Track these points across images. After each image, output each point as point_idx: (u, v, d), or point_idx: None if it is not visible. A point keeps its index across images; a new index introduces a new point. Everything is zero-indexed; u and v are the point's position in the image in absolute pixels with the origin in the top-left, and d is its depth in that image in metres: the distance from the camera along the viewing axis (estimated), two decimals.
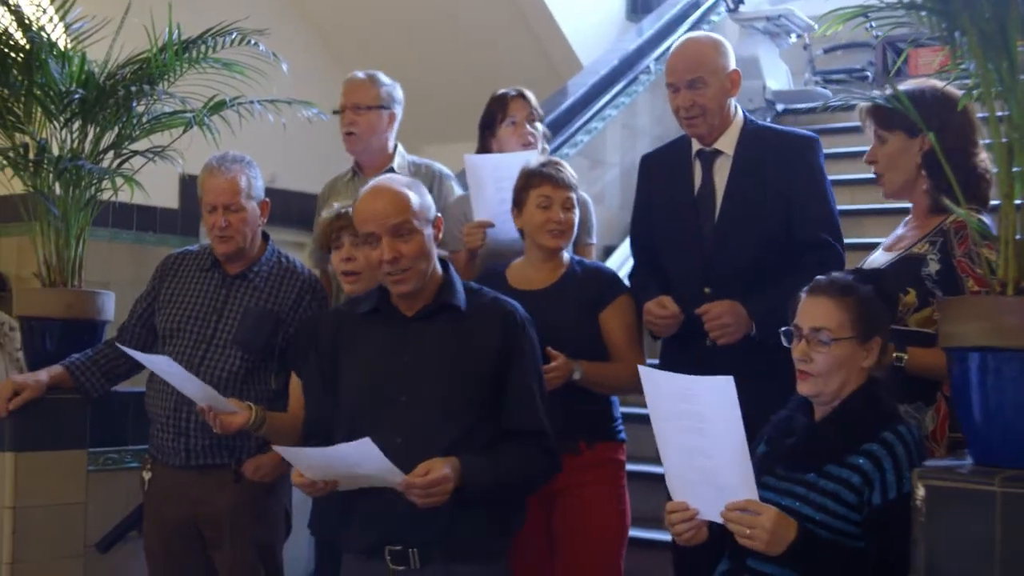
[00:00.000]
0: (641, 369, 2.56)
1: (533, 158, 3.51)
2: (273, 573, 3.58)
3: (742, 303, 3.18)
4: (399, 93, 4.13)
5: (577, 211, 3.34)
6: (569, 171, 3.35)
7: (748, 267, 3.24)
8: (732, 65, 3.36)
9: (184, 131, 3.98)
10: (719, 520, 2.45)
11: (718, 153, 3.36)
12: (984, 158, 2.89)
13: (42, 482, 3.64)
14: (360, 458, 2.62)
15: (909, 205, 3.06)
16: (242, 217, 3.52)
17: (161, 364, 3.23)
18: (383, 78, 4.12)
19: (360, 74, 4.12)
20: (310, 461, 2.72)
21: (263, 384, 3.52)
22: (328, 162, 4.38)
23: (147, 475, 3.60)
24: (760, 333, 3.15)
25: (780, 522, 2.38)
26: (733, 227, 3.29)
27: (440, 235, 2.90)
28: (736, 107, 3.41)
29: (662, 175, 3.48)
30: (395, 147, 4.13)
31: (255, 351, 3.49)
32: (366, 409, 2.81)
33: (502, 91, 3.96)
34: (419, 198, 2.84)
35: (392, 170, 4.04)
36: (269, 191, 3.73)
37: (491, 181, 3.65)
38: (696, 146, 3.40)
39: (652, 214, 3.48)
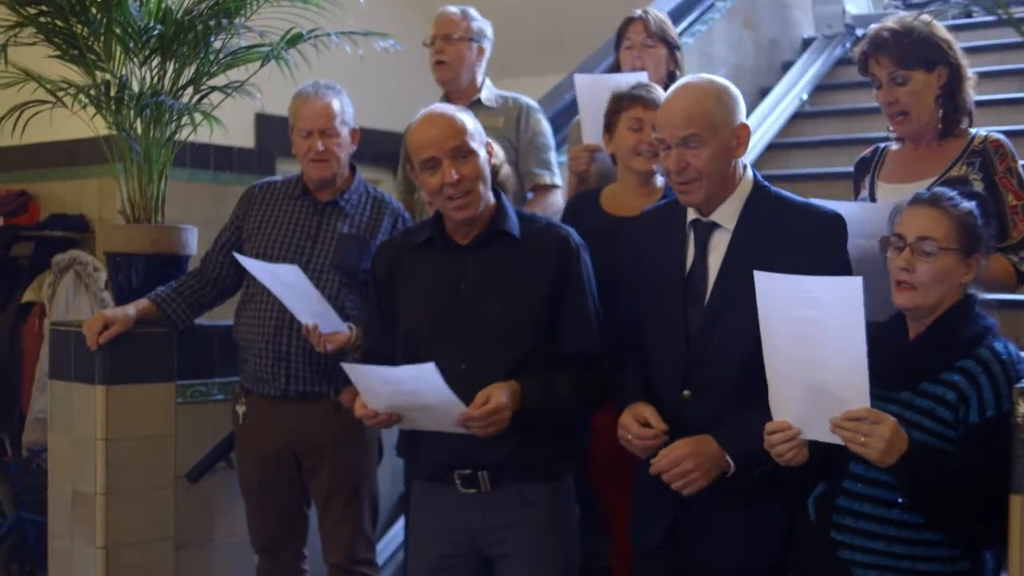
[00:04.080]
0: (757, 275, 2.40)
1: (643, 79, 3.47)
2: (369, 498, 3.62)
3: (714, 434, 2.62)
4: (489, 30, 4.21)
5: None
6: (660, 93, 3.25)
7: (736, 373, 2.63)
8: (740, 118, 2.68)
9: (262, 65, 3.97)
10: (824, 438, 2.39)
11: (715, 226, 2.71)
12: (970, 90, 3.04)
13: (132, 414, 3.70)
14: (422, 384, 2.64)
15: None
16: (338, 142, 3.55)
17: (285, 273, 3.23)
18: (474, 12, 4.20)
19: (452, 8, 4.20)
20: (373, 383, 2.74)
21: (361, 307, 3.52)
22: (405, 101, 4.37)
23: (241, 408, 3.63)
24: (740, 470, 2.62)
25: (897, 432, 2.33)
26: (722, 321, 2.65)
27: (492, 160, 2.90)
28: (745, 168, 2.74)
29: (656, 242, 2.82)
30: (483, 81, 4.15)
31: (353, 275, 3.52)
32: (426, 338, 2.84)
33: (630, 13, 3.97)
34: (472, 121, 2.86)
35: (479, 102, 4.12)
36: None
37: (602, 103, 3.54)
38: (691, 214, 2.75)
39: (640, 286, 2.83)
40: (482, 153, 2.84)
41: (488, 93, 4.16)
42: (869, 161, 3.21)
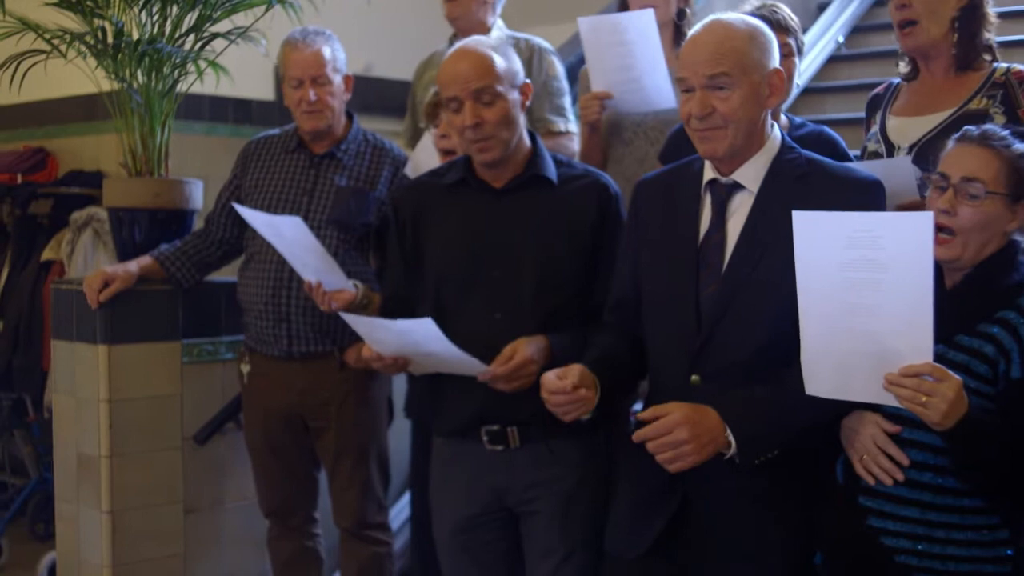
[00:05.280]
0: (795, 213, 2.14)
1: (648, 16, 3.27)
2: (378, 459, 3.51)
3: (715, 405, 2.29)
4: None
5: None
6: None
7: (753, 356, 2.33)
8: (774, 62, 2.37)
9: (267, 10, 3.81)
10: (873, 398, 2.15)
11: (737, 187, 2.40)
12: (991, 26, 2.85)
13: (136, 375, 3.58)
14: (422, 336, 2.53)
15: None
16: (330, 90, 3.39)
17: (287, 226, 3.08)
18: None
19: None
20: (376, 333, 2.63)
21: (361, 263, 3.40)
22: (420, 49, 4.19)
23: (245, 368, 3.53)
24: (742, 453, 2.28)
25: (961, 393, 2.08)
26: (741, 296, 2.34)
27: (527, 102, 2.73)
28: (773, 126, 2.44)
29: (659, 210, 2.50)
30: (494, 22, 3.92)
31: (351, 229, 3.37)
32: (455, 285, 2.71)
33: None
34: (505, 61, 2.68)
35: None
36: (365, 80, 3.58)
37: (607, 45, 3.39)
38: (709, 173, 2.44)
39: (640, 262, 2.52)
40: (511, 96, 2.67)
41: (499, 33, 3.91)
42: (881, 97, 3.02)
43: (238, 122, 5.56)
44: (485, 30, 3.87)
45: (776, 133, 2.44)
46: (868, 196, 2.35)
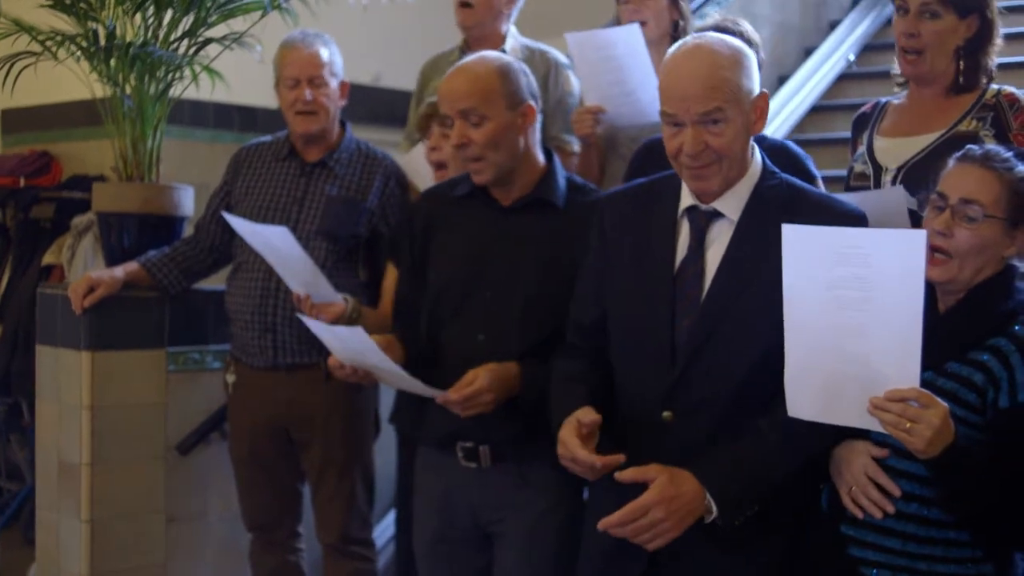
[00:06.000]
0: (785, 227, 2.05)
1: (635, 31, 3.22)
2: (363, 473, 3.45)
3: (692, 467, 2.16)
4: None
5: None
6: None
7: (730, 391, 2.21)
8: (758, 86, 2.26)
9: (262, 15, 3.76)
10: (855, 422, 2.06)
11: (716, 216, 2.28)
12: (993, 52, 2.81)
13: (120, 382, 3.54)
14: (359, 346, 2.51)
15: None
16: (326, 93, 3.35)
17: (274, 236, 3.01)
18: None
19: None
20: (325, 337, 2.64)
21: (351, 275, 3.35)
22: (424, 59, 4.12)
23: (231, 378, 3.48)
24: (723, 516, 2.16)
25: (947, 421, 2.00)
26: (719, 328, 2.22)
27: (530, 124, 2.64)
28: (753, 149, 2.32)
29: (629, 232, 2.36)
30: (508, 29, 3.80)
31: (340, 240, 3.32)
32: (449, 299, 2.67)
33: None
34: (506, 82, 2.60)
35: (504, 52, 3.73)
36: (373, 90, 3.53)
37: (597, 61, 3.33)
38: (687, 199, 2.31)
39: (609, 287, 2.38)
40: (504, 119, 2.59)
41: (514, 43, 3.78)
42: (868, 116, 2.95)
43: (243, 130, 5.51)
44: (499, 39, 3.76)
45: (757, 157, 2.33)
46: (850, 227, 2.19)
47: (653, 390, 2.26)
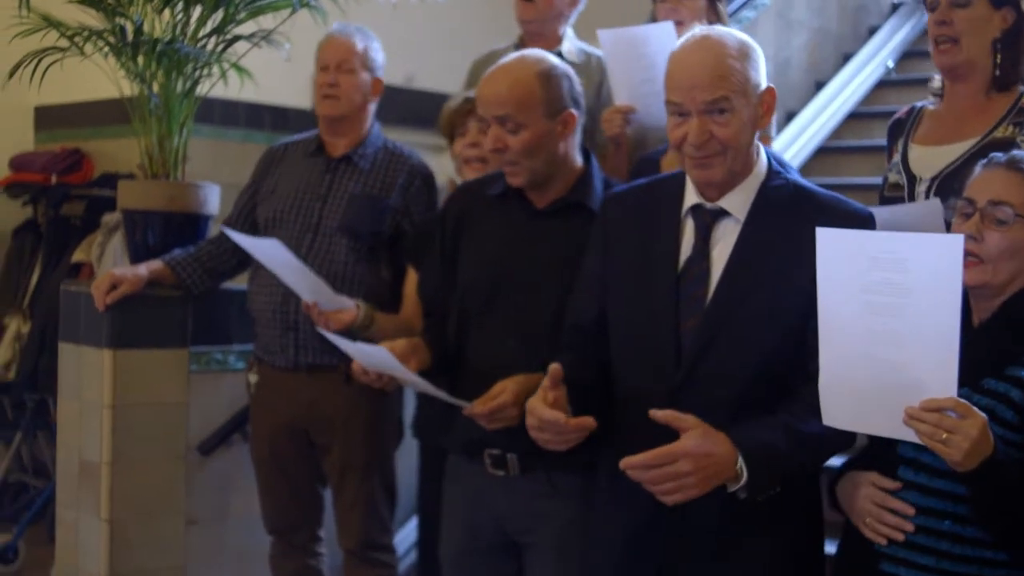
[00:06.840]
0: (819, 231, 2.00)
1: (669, 28, 3.15)
2: (384, 478, 3.40)
3: (730, 431, 2.10)
4: None
5: None
6: None
7: (736, 395, 2.17)
8: (765, 80, 2.23)
9: (291, 13, 3.73)
10: (889, 432, 2.00)
11: (722, 214, 2.24)
12: None
13: (141, 381, 3.49)
14: (380, 361, 2.48)
15: None
16: (352, 81, 3.34)
17: (268, 247, 3.01)
18: None
19: None
20: (352, 351, 2.59)
21: (374, 274, 3.30)
22: (466, 61, 4.07)
23: (253, 378, 3.45)
24: (752, 485, 2.09)
25: (986, 433, 1.92)
26: (725, 332, 2.18)
27: (568, 132, 2.59)
28: (759, 148, 2.28)
29: (631, 231, 2.33)
30: (565, 31, 3.74)
31: (362, 238, 3.28)
32: (479, 301, 2.62)
33: None
34: (547, 88, 2.55)
35: (560, 55, 3.61)
36: (406, 92, 3.50)
37: (630, 59, 3.27)
38: (691, 197, 2.28)
39: (610, 286, 2.34)
40: (541, 126, 2.54)
41: (570, 46, 3.70)
42: (904, 123, 2.87)
43: (274, 130, 5.49)
44: (556, 39, 3.70)
45: (763, 156, 2.29)
46: (858, 228, 2.16)
47: (657, 392, 2.20)
